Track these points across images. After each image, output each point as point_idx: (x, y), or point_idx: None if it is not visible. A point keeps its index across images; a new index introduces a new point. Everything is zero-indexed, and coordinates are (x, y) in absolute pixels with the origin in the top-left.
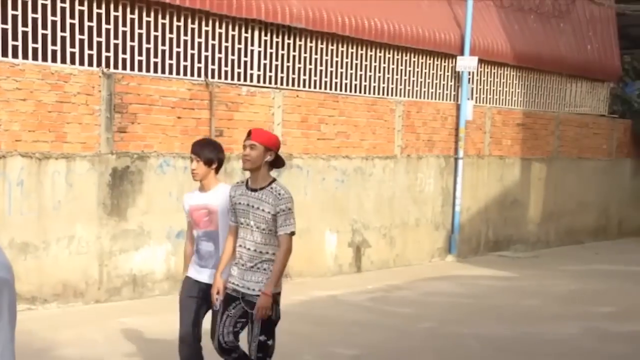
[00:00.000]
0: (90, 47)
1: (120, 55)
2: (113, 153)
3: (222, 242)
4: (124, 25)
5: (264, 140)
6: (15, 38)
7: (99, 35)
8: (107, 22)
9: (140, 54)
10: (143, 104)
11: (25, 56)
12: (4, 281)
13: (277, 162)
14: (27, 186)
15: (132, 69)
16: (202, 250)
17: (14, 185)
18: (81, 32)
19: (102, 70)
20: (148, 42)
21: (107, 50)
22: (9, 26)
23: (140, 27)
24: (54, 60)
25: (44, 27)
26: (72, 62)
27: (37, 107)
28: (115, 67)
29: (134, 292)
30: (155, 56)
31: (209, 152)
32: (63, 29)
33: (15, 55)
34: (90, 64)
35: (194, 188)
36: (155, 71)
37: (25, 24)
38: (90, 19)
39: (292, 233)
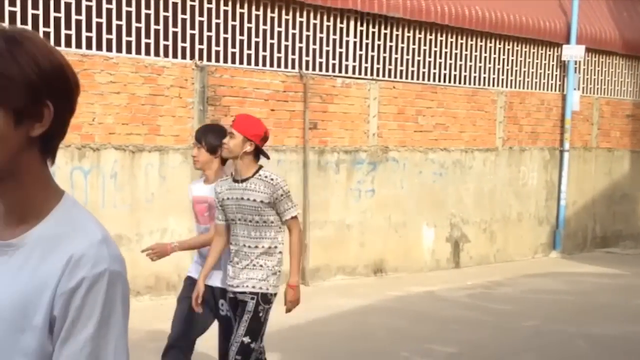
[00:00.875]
0: (184, 40)
1: (214, 48)
2: None
3: None
4: (217, 17)
5: (243, 130)
6: (109, 31)
7: (192, 27)
8: (201, 15)
9: (233, 46)
10: (236, 96)
11: (119, 49)
12: (117, 274)
13: (260, 154)
14: (120, 179)
15: (225, 61)
16: (203, 248)
17: (107, 178)
18: (174, 25)
19: (195, 62)
20: (241, 34)
21: (201, 42)
22: (104, 20)
23: (233, 19)
24: (147, 53)
25: (138, 20)
26: (166, 55)
27: (131, 100)
28: (209, 59)
29: None
30: (249, 48)
31: (212, 139)
32: (157, 22)
33: (109, 49)
34: (184, 56)
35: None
36: (249, 63)
37: (119, 18)
38: (183, 12)
39: (296, 216)
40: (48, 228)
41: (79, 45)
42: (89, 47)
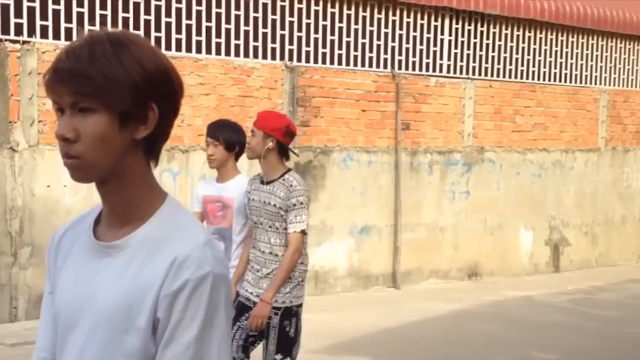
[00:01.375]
0: (274, 41)
1: (304, 48)
2: (296, 147)
3: (235, 243)
4: (308, 17)
5: (262, 125)
6: (199, 33)
7: (283, 28)
8: (291, 15)
9: (324, 47)
10: (326, 97)
11: (208, 51)
12: (221, 276)
13: (283, 151)
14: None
15: (315, 61)
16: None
17: (196, 179)
18: (264, 26)
19: (285, 63)
20: (332, 33)
21: (291, 43)
22: (193, 22)
23: (324, 19)
24: (237, 54)
25: (228, 21)
26: (255, 56)
27: (220, 102)
28: (299, 60)
29: (315, 288)
30: (340, 48)
31: (230, 134)
32: (246, 23)
33: (198, 51)
34: (274, 57)
35: (214, 176)
36: (340, 63)
37: (209, 19)
38: (273, 12)
39: (303, 232)
40: (152, 230)
41: (168, 48)
42: (178, 49)
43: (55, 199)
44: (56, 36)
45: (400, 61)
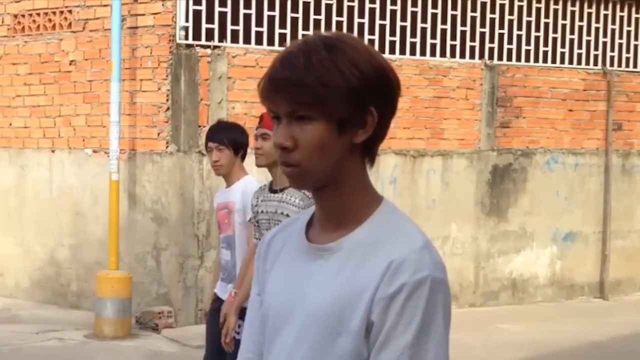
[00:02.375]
0: (473, 39)
1: (505, 46)
2: (494, 149)
3: (239, 251)
4: (511, 14)
5: None
6: (392, 34)
7: (483, 25)
8: (492, 12)
9: (527, 44)
10: (529, 96)
11: (402, 51)
12: (440, 281)
13: None
14: (400, 184)
15: (518, 59)
16: (222, 260)
17: (386, 183)
18: (463, 24)
19: (485, 62)
20: (537, 30)
21: (491, 41)
22: (387, 22)
23: (529, 15)
24: (432, 54)
25: (424, 20)
26: (452, 55)
27: (414, 103)
28: (499, 58)
29: (513, 297)
30: (545, 45)
31: (236, 135)
32: (444, 22)
33: (392, 51)
34: (472, 56)
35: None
36: (545, 61)
37: (403, 19)
38: (473, 10)
39: None
40: (367, 233)
41: None
42: None
43: None
44: (246, 40)
45: (612, 57)
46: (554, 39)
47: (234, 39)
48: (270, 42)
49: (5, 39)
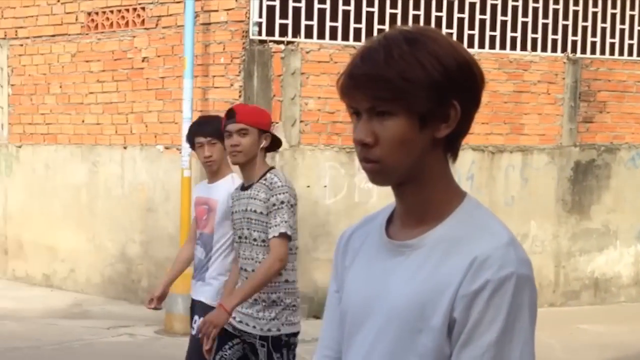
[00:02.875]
0: (555, 32)
1: (589, 39)
2: (576, 145)
3: (216, 252)
4: (595, 6)
5: (256, 121)
6: (471, 27)
7: (565, 18)
8: (575, 4)
9: (612, 36)
10: (614, 90)
11: (481, 45)
12: (526, 278)
13: (274, 145)
14: (477, 181)
15: (602, 53)
16: (196, 257)
17: (463, 179)
18: (545, 17)
19: (568, 55)
20: (622, 22)
21: (574, 34)
22: (466, 15)
23: (613, 7)
24: (512, 47)
25: (504, 13)
26: (533, 48)
27: (492, 98)
28: (583, 51)
29: (595, 297)
30: (631, 38)
31: (220, 127)
32: (525, 15)
33: (471, 45)
34: (554, 49)
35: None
36: (630, 54)
37: (483, 12)
38: (555, 2)
39: (285, 235)
40: (449, 229)
41: None
42: None
43: (314, 199)
44: (321, 35)
45: None
46: None
47: (308, 34)
48: (345, 37)
49: (78, 36)
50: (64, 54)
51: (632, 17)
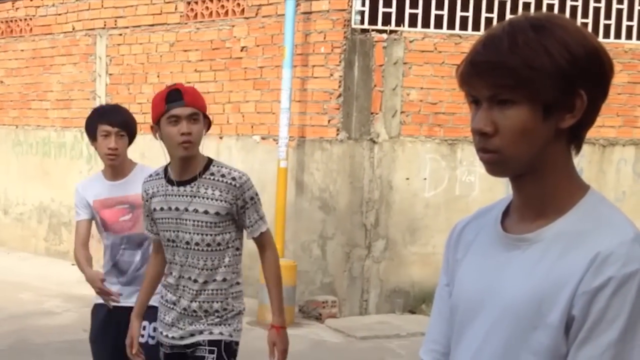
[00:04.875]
0: None
1: None
2: None
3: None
4: None
5: (203, 104)
6: (585, 15)
7: None
8: None
9: None
10: None
11: (595, 34)
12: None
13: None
14: (586, 175)
15: None
16: (124, 263)
17: None
18: None
19: None
20: None
21: None
22: (579, 3)
23: None
24: (628, 37)
25: (619, 1)
26: None
27: None
28: None
29: None
30: None
31: (133, 121)
32: None
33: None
34: None
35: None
36: None
37: (597, 0)
38: None
39: (268, 230)
40: (570, 223)
41: None
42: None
43: (413, 192)
44: (425, 24)
45: None
46: None
47: (412, 23)
48: (451, 25)
49: (177, 26)
50: (162, 43)
51: None
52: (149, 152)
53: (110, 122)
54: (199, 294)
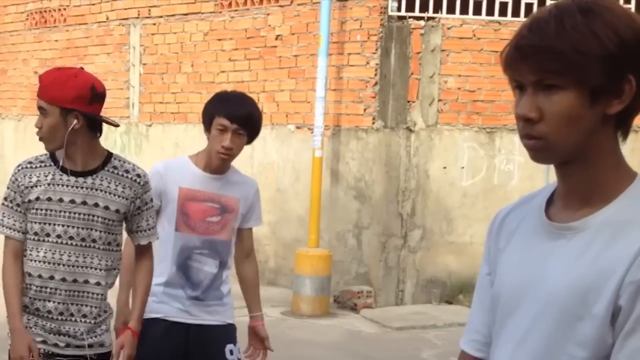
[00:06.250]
0: None
1: None
2: None
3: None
4: None
5: (57, 97)
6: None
7: None
8: None
9: None
10: None
11: None
12: None
13: (96, 125)
14: (629, 163)
15: None
16: (201, 271)
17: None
18: None
19: None
20: None
21: None
22: None
23: None
24: None
25: None
26: None
27: None
28: None
29: None
30: None
31: (254, 115)
32: None
33: None
34: None
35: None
36: None
37: None
38: None
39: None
40: (618, 212)
41: None
42: None
43: (450, 181)
44: (464, 11)
45: None
46: None
47: (450, 10)
48: (490, 12)
49: (211, 14)
50: (196, 32)
51: None
52: (183, 142)
53: (229, 117)
54: (83, 295)
